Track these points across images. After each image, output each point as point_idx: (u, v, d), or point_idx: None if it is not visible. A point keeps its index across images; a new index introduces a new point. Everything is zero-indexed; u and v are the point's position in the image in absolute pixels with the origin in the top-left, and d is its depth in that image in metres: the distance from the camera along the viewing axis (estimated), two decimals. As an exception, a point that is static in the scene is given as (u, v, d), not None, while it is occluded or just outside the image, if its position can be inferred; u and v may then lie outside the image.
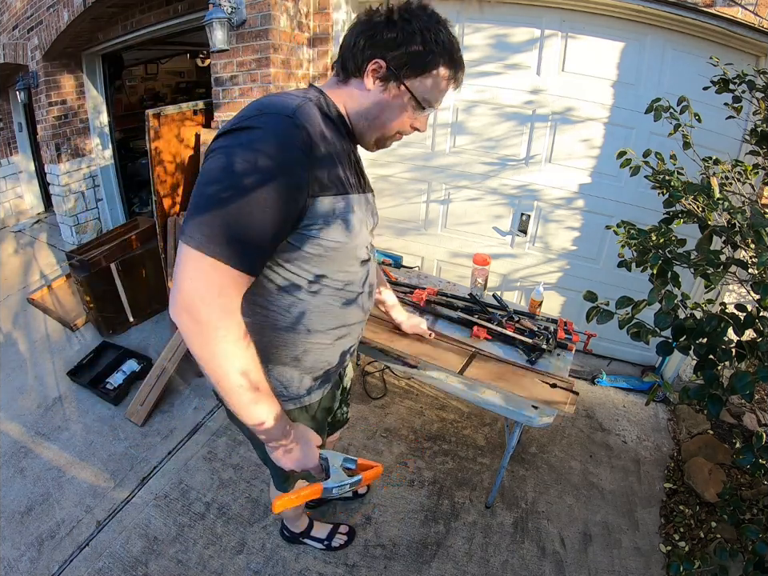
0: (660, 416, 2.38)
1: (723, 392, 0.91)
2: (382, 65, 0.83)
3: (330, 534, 1.69)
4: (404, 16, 0.82)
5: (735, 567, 1.49)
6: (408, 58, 0.82)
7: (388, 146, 0.98)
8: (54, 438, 2.18)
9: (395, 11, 0.83)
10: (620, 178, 2.30)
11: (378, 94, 0.86)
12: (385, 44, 0.82)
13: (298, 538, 1.68)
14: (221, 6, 2.18)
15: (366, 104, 0.87)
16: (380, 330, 1.73)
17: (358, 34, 0.84)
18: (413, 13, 0.83)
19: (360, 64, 0.84)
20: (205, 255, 0.69)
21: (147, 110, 2.46)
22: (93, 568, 1.62)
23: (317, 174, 0.77)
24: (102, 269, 2.77)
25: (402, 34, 0.81)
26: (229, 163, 0.71)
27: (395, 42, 0.81)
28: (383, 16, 0.83)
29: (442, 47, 0.83)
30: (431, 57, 0.83)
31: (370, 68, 0.83)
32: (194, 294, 0.70)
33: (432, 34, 0.82)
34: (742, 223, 1.03)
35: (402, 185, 2.84)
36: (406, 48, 0.81)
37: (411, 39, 0.81)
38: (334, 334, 0.98)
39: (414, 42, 0.81)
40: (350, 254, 0.88)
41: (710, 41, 2.01)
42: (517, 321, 1.83)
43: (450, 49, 0.85)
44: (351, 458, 0.93)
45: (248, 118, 0.75)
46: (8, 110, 4.83)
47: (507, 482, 1.96)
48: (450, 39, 0.85)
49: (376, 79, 0.85)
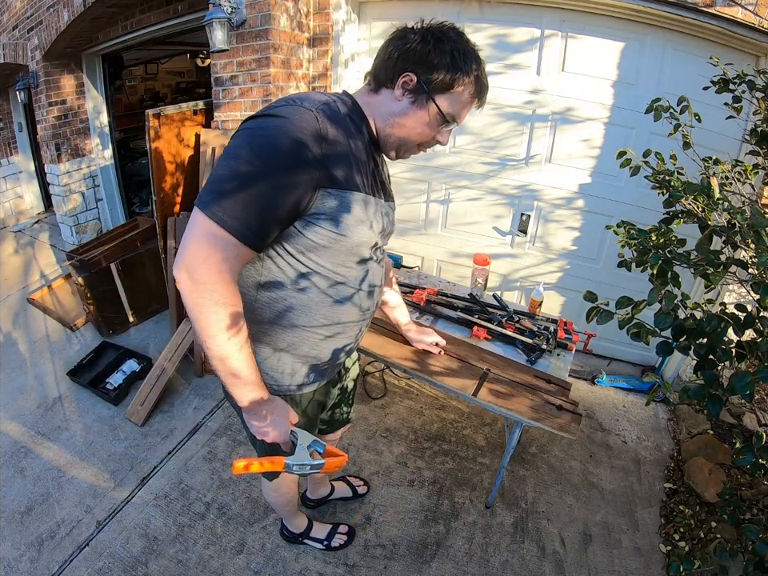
0: (660, 416, 2.38)
1: (723, 392, 0.91)
2: (413, 78, 0.88)
3: (330, 534, 1.70)
4: (437, 35, 0.88)
5: (735, 567, 1.49)
6: (438, 74, 0.87)
7: (408, 157, 1.02)
8: (54, 437, 2.18)
9: (430, 30, 0.89)
10: (620, 178, 2.30)
11: (407, 105, 0.91)
12: (417, 59, 0.87)
13: (297, 538, 1.69)
14: (221, 6, 2.18)
15: (394, 113, 0.92)
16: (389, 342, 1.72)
17: (393, 47, 0.90)
18: (445, 33, 0.89)
19: (392, 75, 0.90)
20: (215, 223, 0.75)
21: (147, 110, 2.46)
22: (93, 568, 1.62)
23: (329, 168, 0.81)
24: (102, 269, 2.77)
25: (434, 52, 0.86)
26: (250, 143, 0.78)
27: (427, 59, 0.87)
28: (418, 33, 0.89)
29: (469, 67, 0.89)
30: (459, 75, 0.88)
31: (401, 80, 0.89)
32: (198, 255, 0.76)
33: (462, 55, 0.88)
34: (742, 223, 1.03)
35: (402, 185, 2.84)
36: (437, 65, 0.87)
37: (442, 57, 0.87)
38: (323, 330, 0.99)
39: (445, 59, 0.87)
40: (350, 250, 0.91)
41: (710, 41, 2.01)
42: (517, 321, 1.83)
43: (476, 70, 0.91)
44: (320, 443, 0.94)
45: (276, 107, 0.81)
46: (8, 109, 4.83)
47: (507, 482, 1.96)
48: (478, 60, 0.92)
49: (406, 91, 0.90)
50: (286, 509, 1.53)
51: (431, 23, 0.91)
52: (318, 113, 0.80)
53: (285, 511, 1.56)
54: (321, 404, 1.20)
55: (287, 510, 1.54)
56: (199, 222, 0.76)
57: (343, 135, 0.84)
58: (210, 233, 0.75)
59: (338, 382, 1.27)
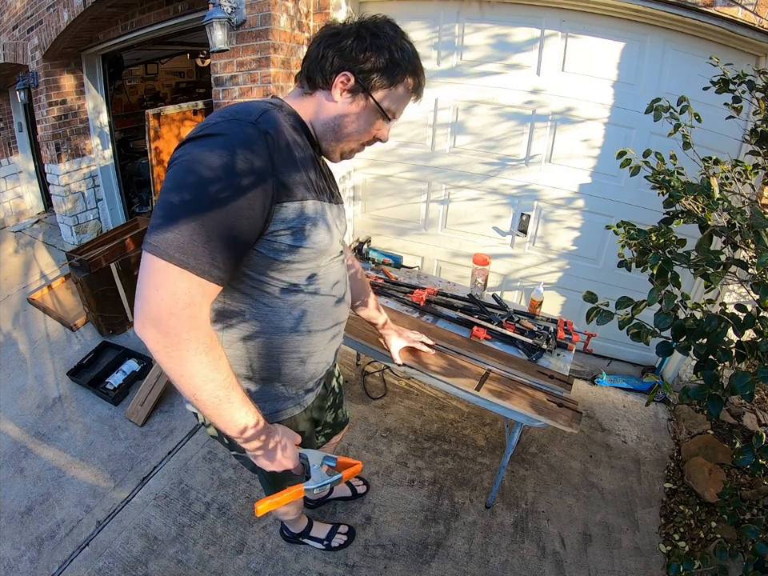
0: (660, 416, 2.38)
1: (723, 392, 0.91)
2: (351, 77, 0.84)
3: (330, 534, 1.70)
4: (373, 31, 0.83)
5: (735, 567, 1.49)
6: (376, 71, 0.84)
7: (351, 157, 0.98)
8: (54, 437, 2.18)
9: (363, 26, 0.84)
10: (620, 178, 2.30)
11: (346, 105, 0.87)
12: (354, 57, 0.83)
13: (297, 538, 1.69)
14: (221, 6, 2.18)
15: (333, 115, 0.88)
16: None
17: (326, 46, 0.85)
18: (380, 27, 0.84)
19: (328, 76, 0.85)
20: (172, 265, 0.67)
21: (147, 110, 2.47)
22: (93, 568, 1.62)
23: (282, 180, 0.76)
24: (102, 269, 2.77)
25: (370, 48, 0.83)
26: (193, 171, 0.69)
27: (364, 56, 0.83)
28: (352, 29, 0.84)
29: (407, 61, 0.86)
30: (398, 70, 0.85)
31: (339, 80, 0.85)
32: (162, 305, 0.68)
33: (399, 49, 0.84)
34: (742, 223, 1.03)
35: (402, 185, 2.84)
36: (375, 61, 0.83)
37: (380, 53, 0.83)
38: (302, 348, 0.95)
39: (382, 55, 0.83)
40: (315, 260, 0.87)
41: (710, 41, 2.01)
42: (517, 321, 1.83)
43: (414, 63, 0.88)
44: (331, 456, 0.93)
45: (212, 125, 0.74)
46: (8, 110, 4.83)
47: (507, 482, 1.96)
48: (415, 53, 0.88)
49: (344, 91, 0.86)
50: (288, 517, 1.51)
51: (364, 17, 0.87)
52: (258, 124, 0.74)
53: (287, 518, 1.55)
54: (315, 420, 1.16)
55: (289, 518, 1.54)
56: (156, 267, 0.68)
57: (289, 143, 0.79)
58: (170, 277, 0.67)
59: (328, 387, 1.22)
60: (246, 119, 0.74)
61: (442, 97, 2.54)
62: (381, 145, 2.88)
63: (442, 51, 2.46)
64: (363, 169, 2.93)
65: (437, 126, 2.61)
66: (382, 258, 2.29)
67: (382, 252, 2.31)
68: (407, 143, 2.73)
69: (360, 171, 2.95)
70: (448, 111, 2.55)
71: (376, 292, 2.02)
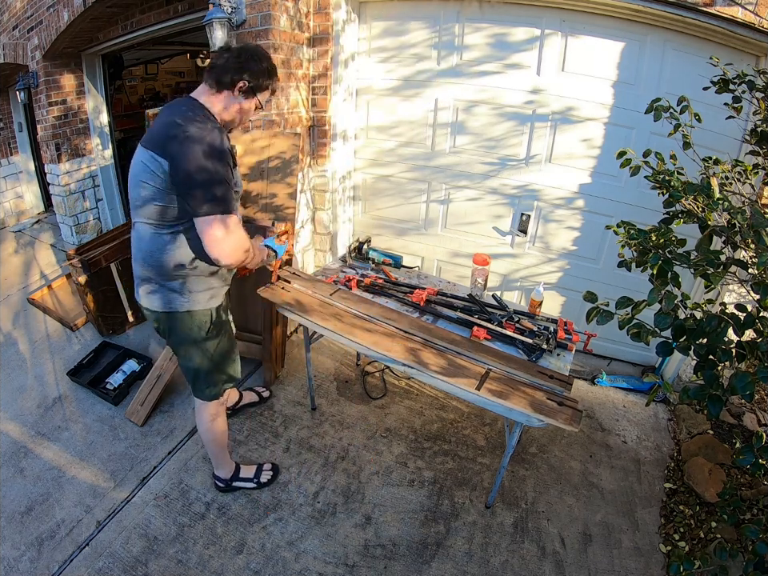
0: (660, 416, 2.38)
1: (723, 392, 0.91)
2: (245, 84, 1.39)
3: (257, 473, 1.90)
4: (258, 54, 1.41)
5: (735, 567, 1.49)
6: (261, 81, 1.41)
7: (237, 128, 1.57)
8: (53, 437, 2.18)
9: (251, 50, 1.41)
10: (620, 178, 2.30)
11: (241, 101, 1.42)
12: (249, 71, 1.38)
13: (229, 484, 1.86)
14: (221, 6, 2.18)
15: (232, 107, 1.42)
16: (390, 340, 1.73)
17: (232, 61, 1.37)
18: (261, 53, 1.43)
19: (231, 82, 1.37)
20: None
21: (147, 110, 2.47)
22: (93, 568, 1.62)
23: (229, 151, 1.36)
24: (102, 269, 2.77)
25: (258, 67, 1.39)
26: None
27: (256, 71, 1.39)
28: (249, 53, 1.39)
29: (274, 75, 1.46)
30: (269, 81, 1.44)
31: (239, 85, 1.38)
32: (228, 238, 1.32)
33: (271, 68, 1.44)
34: (742, 223, 1.03)
35: (402, 185, 2.84)
36: (260, 75, 1.40)
37: (262, 70, 1.41)
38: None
39: (263, 71, 1.41)
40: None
41: (710, 41, 2.01)
42: (517, 321, 1.83)
43: (275, 74, 1.47)
44: (271, 238, 1.70)
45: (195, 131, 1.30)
46: (8, 110, 4.83)
47: (507, 482, 1.96)
48: (269, 61, 1.45)
49: (240, 92, 1.40)
50: (220, 444, 1.77)
51: (247, 45, 1.46)
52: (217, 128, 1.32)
53: (218, 446, 1.77)
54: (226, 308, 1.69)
55: (220, 445, 1.77)
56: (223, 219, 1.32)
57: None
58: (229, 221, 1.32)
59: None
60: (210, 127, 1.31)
61: (441, 97, 2.54)
62: (381, 145, 2.89)
63: (442, 51, 2.46)
64: (363, 169, 2.94)
65: (437, 126, 2.61)
66: (382, 257, 2.29)
67: (382, 252, 2.31)
68: (407, 143, 2.73)
69: (360, 171, 2.95)
70: (448, 111, 2.55)
71: (376, 292, 2.02)
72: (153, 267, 1.41)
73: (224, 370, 1.66)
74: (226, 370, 1.67)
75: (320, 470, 1.99)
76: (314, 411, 2.31)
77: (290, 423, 2.23)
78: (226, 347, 1.64)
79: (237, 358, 1.72)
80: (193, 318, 1.49)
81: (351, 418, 2.27)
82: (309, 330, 2.00)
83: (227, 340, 1.64)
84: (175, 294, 1.44)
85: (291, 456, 2.05)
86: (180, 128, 1.24)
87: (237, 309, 2.38)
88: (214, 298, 1.53)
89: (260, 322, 2.38)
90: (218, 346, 1.59)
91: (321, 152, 2.74)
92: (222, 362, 1.63)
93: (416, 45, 2.51)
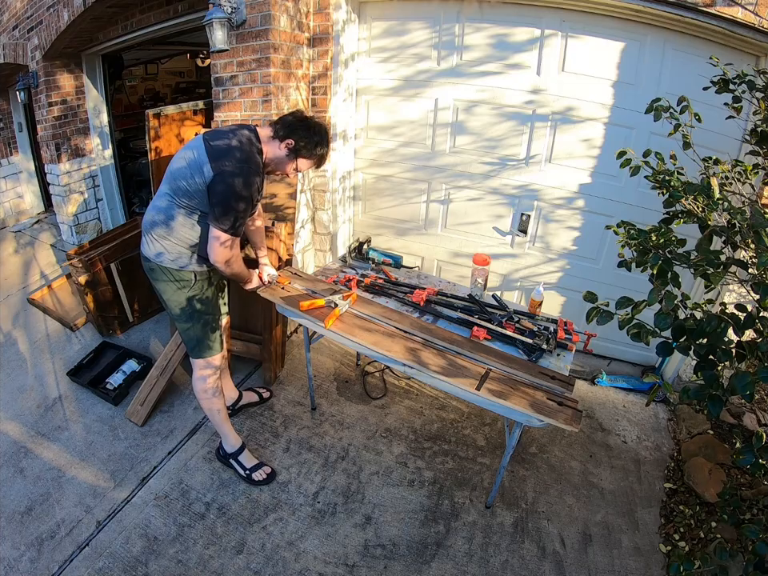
0: (660, 416, 2.38)
1: (723, 392, 0.91)
2: (292, 144, 1.61)
3: (255, 467, 1.93)
4: (312, 125, 1.63)
5: (735, 567, 1.49)
6: (304, 147, 1.62)
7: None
8: (54, 437, 2.18)
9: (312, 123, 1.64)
10: (620, 178, 2.30)
11: (283, 155, 1.63)
12: (299, 135, 1.60)
13: (227, 458, 1.95)
14: (221, 6, 2.18)
15: (276, 157, 1.64)
16: (390, 340, 1.73)
17: (292, 122, 1.62)
18: (316, 126, 1.64)
19: (283, 137, 1.61)
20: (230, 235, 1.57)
21: (147, 110, 2.47)
22: (93, 568, 1.62)
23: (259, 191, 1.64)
24: (102, 269, 2.77)
25: (309, 136, 1.61)
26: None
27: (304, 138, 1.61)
28: (307, 123, 1.63)
29: (319, 151, 1.65)
30: (313, 153, 1.64)
31: (286, 141, 1.61)
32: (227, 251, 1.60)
33: (319, 143, 1.63)
34: (742, 223, 1.03)
35: (402, 185, 2.84)
36: (305, 143, 1.61)
37: (310, 140, 1.62)
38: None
39: (311, 142, 1.62)
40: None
41: (710, 41, 2.01)
42: (517, 321, 1.83)
43: (324, 154, 1.68)
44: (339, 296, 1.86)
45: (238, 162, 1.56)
46: (8, 110, 4.83)
47: (507, 482, 1.96)
48: (328, 149, 1.69)
49: (285, 148, 1.62)
50: (220, 416, 1.90)
51: (316, 120, 1.67)
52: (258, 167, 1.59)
53: (220, 418, 1.90)
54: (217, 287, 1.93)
55: (221, 417, 1.91)
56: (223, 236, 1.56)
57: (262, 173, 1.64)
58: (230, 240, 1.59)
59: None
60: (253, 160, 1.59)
61: (441, 97, 2.54)
62: (381, 145, 2.89)
63: (442, 51, 2.46)
64: (363, 169, 2.94)
65: (437, 126, 2.61)
66: (382, 258, 2.29)
67: (382, 252, 2.31)
68: (407, 143, 2.73)
69: (360, 171, 2.95)
70: (448, 111, 2.55)
71: (376, 292, 2.02)
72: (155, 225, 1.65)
73: (203, 340, 1.80)
74: (206, 340, 1.81)
75: (320, 469, 1.99)
76: (314, 411, 2.31)
77: (290, 423, 2.23)
78: (205, 322, 1.80)
79: (217, 337, 1.85)
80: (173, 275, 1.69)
81: (351, 418, 2.27)
82: (309, 329, 2.00)
83: (207, 315, 1.80)
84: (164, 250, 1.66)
85: (291, 456, 2.05)
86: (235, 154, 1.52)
87: (237, 309, 2.39)
88: (192, 265, 1.71)
89: (260, 322, 2.38)
90: (197, 315, 1.77)
91: (321, 152, 2.74)
92: (201, 332, 1.79)
93: (416, 45, 2.51)
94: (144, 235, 1.69)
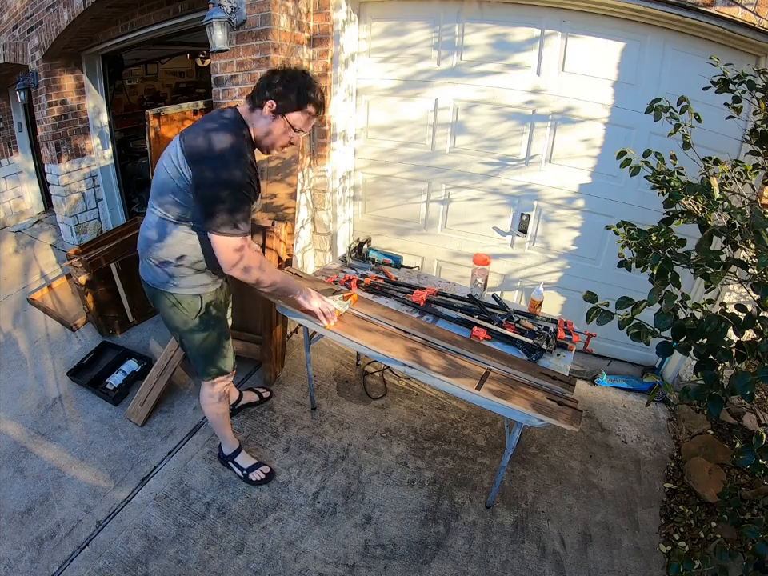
0: (660, 416, 2.38)
1: (723, 392, 0.91)
2: (273, 104, 1.38)
3: (252, 467, 1.92)
4: (289, 76, 1.38)
5: (735, 567, 1.49)
6: (286, 98, 1.37)
7: (275, 154, 1.56)
8: (54, 437, 2.18)
9: (286, 73, 1.38)
10: (620, 178, 2.30)
11: (270, 121, 1.40)
12: (275, 92, 1.37)
13: (226, 460, 1.94)
14: (221, 6, 2.18)
15: (265, 127, 1.42)
16: (390, 340, 1.73)
17: (264, 82, 1.39)
18: (294, 75, 1.39)
19: (261, 102, 1.39)
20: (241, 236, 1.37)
21: (147, 110, 2.46)
22: (93, 568, 1.62)
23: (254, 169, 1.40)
24: (102, 269, 2.76)
25: (281, 86, 1.37)
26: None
27: (282, 91, 1.37)
28: (279, 75, 1.38)
29: (308, 97, 1.39)
30: (301, 102, 1.38)
31: (267, 105, 1.38)
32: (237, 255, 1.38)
33: (304, 89, 1.38)
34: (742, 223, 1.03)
35: (402, 185, 2.84)
36: (285, 92, 1.37)
37: (287, 87, 1.37)
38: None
39: (290, 89, 1.37)
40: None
41: (710, 41, 2.01)
42: (517, 321, 1.83)
43: (315, 97, 1.40)
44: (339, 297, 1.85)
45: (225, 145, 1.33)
46: (8, 110, 4.83)
47: (507, 482, 1.96)
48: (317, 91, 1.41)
49: (269, 112, 1.39)
50: (218, 423, 1.86)
51: (288, 68, 1.42)
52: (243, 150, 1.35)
53: (217, 425, 1.87)
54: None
55: (219, 424, 1.86)
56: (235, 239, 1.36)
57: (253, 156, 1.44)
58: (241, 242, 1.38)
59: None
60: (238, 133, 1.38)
61: (441, 97, 2.54)
62: (381, 145, 2.89)
63: (442, 51, 2.46)
64: (363, 169, 2.94)
65: (437, 126, 2.61)
66: (381, 258, 2.29)
67: (382, 252, 2.31)
68: (407, 143, 2.73)
69: (360, 171, 2.95)
70: (448, 111, 2.55)
71: (376, 292, 2.02)
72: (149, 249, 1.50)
73: (214, 362, 1.71)
74: (216, 363, 1.71)
75: (320, 470, 1.99)
76: (314, 411, 2.31)
77: (290, 423, 2.23)
78: (215, 342, 1.67)
79: (228, 354, 1.75)
80: (179, 301, 1.54)
81: (351, 418, 2.27)
82: (309, 329, 2.00)
83: (216, 335, 1.67)
84: (166, 275, 1.51)
85: (291, 456, 2.05)
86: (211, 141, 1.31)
87: (237, 309, 2.38)
88: (198, 287, 1.56)
89: (260, 322, 2.38)
90: (207, 339, 1.64)
91: (321, 152, 2.74)
92: (211, 354, 1.68)
93: (416, 45, 2.51)
94: (142, 260, 1.54)
